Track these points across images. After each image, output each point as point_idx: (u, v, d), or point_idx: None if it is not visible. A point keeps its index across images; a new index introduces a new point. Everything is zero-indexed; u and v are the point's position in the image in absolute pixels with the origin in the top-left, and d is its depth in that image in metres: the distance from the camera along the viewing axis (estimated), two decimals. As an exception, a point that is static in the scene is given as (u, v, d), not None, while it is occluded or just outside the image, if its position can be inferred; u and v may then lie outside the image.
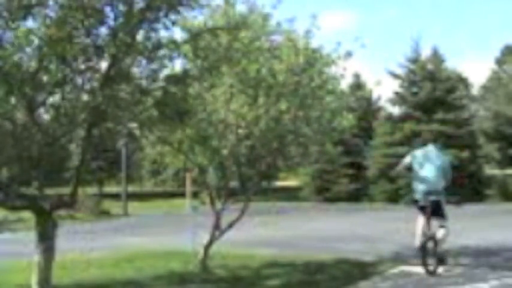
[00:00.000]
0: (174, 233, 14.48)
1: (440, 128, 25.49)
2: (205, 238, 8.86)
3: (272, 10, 8.07)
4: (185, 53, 6.59)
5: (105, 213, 22.72)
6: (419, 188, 8.20)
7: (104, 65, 5.94)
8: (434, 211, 8.09)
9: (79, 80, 5.93)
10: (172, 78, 6.37)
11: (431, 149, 8.38)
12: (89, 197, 22.74)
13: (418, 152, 8.34)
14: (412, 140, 26.02)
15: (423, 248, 7.81)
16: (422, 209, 8.17)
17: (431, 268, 7.80)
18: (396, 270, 8.40)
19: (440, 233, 8.09)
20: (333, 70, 8.72)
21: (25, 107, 5.73)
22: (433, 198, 8.11)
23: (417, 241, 8.08)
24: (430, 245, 7.99)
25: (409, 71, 28.28)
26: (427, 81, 27.09)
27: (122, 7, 5.79)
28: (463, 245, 10.87)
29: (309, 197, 29.67)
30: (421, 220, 8.20)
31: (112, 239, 14.50)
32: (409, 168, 8.40)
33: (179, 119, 6.51)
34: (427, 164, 8.20)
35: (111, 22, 5.81)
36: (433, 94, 26.72)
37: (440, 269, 7.93)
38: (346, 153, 28.05)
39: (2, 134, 5.86)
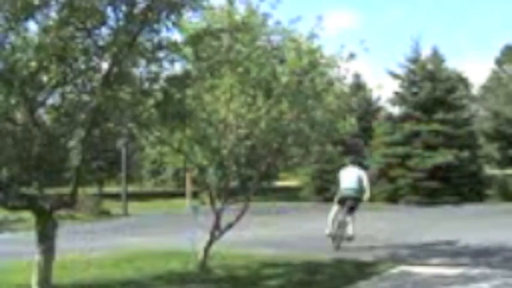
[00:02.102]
0: (174, 233, 14.47)
1: (440, 128, 25.48)
2: (205, 238, 8.86)
3: (271, 10, 8.05)
4: (186, 55, 6.59)
5: (105, 213, 22.67)
6: (344, 190, 11.50)
7: (104, 65, 5.95)
8: (351, 207, 11.29)
9: (79, 81, 5.94)
10: (173, 79, 6.38)
11: (351, 167, 11.98)
12: (89, 197, 22.68)
13: (342, 171, 11.93)
14: (411, 141, 26.10)
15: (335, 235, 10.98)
16: (342, 202, 11.30)
17: (337, 245, 10.85)
18: (396, 270, 8.40)
19: (349, 228, 11.14)
20: (335, 71, 8.74)
21: (25, 107, 5.73)
22: (353, 196, 11.36)
23: (327, 230, 11.08)
24: (341, 231, 11.05)
25: (409, 71, 28.25)
26: (427, 81, 27.06)
27: (123, 8, 5.79)
28: (463, 245, 10.88)
29: (309, 197, 29.62)
30: (333, 211, 11.27)
31: (112, 239, 14.49)
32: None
33: (180, 120, 6.52)
34: (348, 176, 11.64)
35: (112, 23, 5.81)
36: (433, 94, 26.69)
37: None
38: (346, 153, 28.02)
39: (2, 134, 5.86)
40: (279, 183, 37.54)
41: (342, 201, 11.33)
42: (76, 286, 7.94)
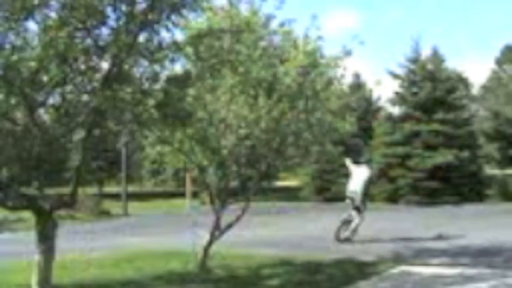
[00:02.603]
0: (174, 233, 14.48)
1: (440, 128, 25.47)
2: (205, 238, 8.86)
3: (275, 11, 8.05)
4: (187, 55, 6.58)
5: (105, 213, 22.67)
6: (349, 192, 12.51)
7: (104, 65, 5.94)
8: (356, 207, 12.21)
9: (79, 80, 5.93)
10: (173, 79, 6.37)
11: (363, 166, 13.10)
12: (89, 197, 22.69)
13: (355, 167, 12.95)
14: (411, 141, 26.11)
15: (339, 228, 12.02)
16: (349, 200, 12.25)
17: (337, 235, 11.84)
18: (396, 270, 8.40)
19: (351, 226, 12.10)
20: (334, 70, 8.75)
21: (25, 107, 5.73)
22: (353, 195, 12.30)
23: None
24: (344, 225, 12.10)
25: (409, 71, 28.22)
26: (427, 81, 27.05)
27: (123, 8, 5.78)
28: (463, 245, 10.88)
29: (309, 197, 29.61)
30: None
31: (112, 239, 14.50)
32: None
33: (180, 121, 6.51)
34: (358, 177, 12.58)
35: (113, 23, 5.81)
36: (433, 94, 26.67)
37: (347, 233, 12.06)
38: (346, 153, 28.01)
39: (2, 134, 5.86)
40: (279, 183, 37.51)
41: (349, 200, 12.55)
42: (76, 286, 7.95)
